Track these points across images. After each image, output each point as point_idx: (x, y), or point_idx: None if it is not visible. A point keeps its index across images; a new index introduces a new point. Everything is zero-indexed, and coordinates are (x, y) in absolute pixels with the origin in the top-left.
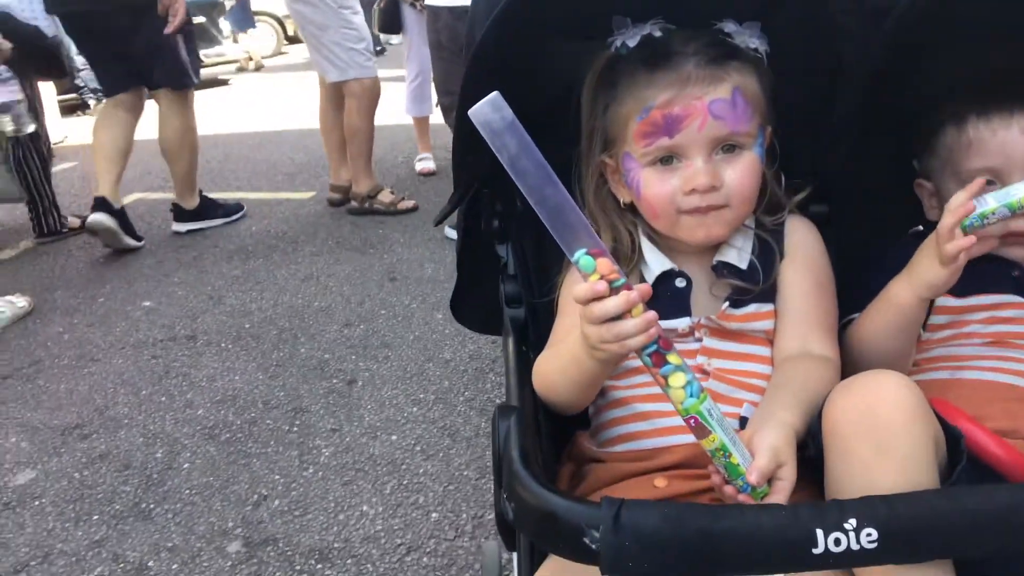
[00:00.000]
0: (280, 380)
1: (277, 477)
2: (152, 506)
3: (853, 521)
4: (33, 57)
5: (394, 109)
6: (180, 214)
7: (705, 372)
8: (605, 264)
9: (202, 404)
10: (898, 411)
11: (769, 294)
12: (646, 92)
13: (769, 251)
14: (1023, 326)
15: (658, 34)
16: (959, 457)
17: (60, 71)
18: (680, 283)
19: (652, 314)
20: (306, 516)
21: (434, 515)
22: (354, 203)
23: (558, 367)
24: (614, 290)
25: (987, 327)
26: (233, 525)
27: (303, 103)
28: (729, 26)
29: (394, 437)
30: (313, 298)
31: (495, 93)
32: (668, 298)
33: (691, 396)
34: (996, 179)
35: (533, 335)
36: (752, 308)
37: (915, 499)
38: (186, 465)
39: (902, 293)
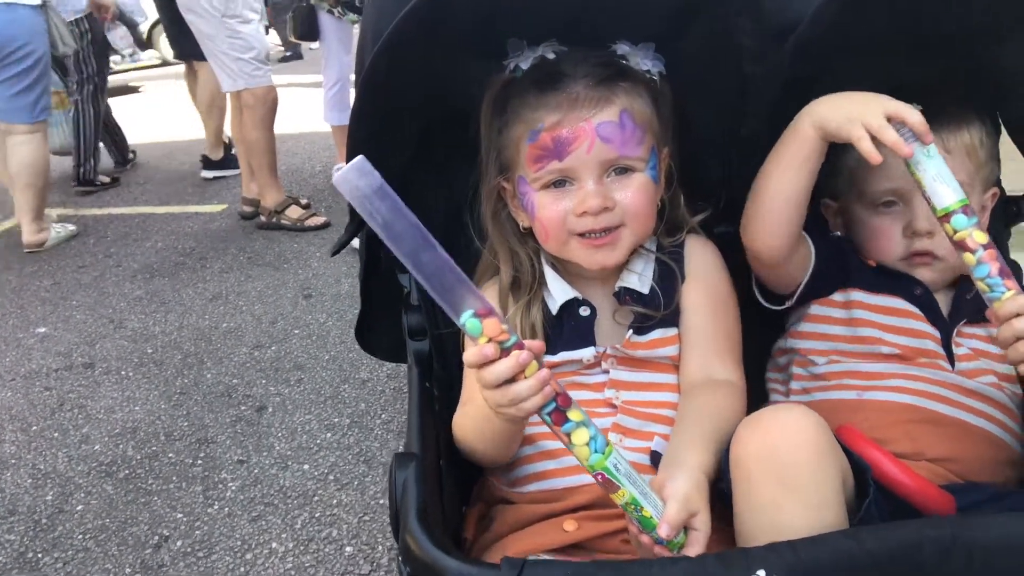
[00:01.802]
0: (184, 409)
1: (180, 515)
2: (40, 555)
3: (762, 572)
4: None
5: (313, 117)
6: (207, 163)
7: (613, 406)
8: (493, 325)
9: (99, 439)
10: (803, 449)
11: (673, 318)
12: (535, 114)
13: (670, 274)
14: (923, 341)
15: (551, 56)
16: (867, 489)
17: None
18: (584, 311)
19: (546, 373)
20: (211, 557)
21: (348, 549)
22: (262, 217)
23: (473, 427)
24: (505, 351)
25: (892, 336)
26: (131, 571)
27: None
28: (622, 48)
29: (306, 467)
30: (221, 319)
31: (360, 158)
32: (572, 328)
33: (596, 452)
34: (900, 201)
35: (439, 367)
36: (657, 334)
37: (820, 543)
38: (80, 507)
39: (807, 132)
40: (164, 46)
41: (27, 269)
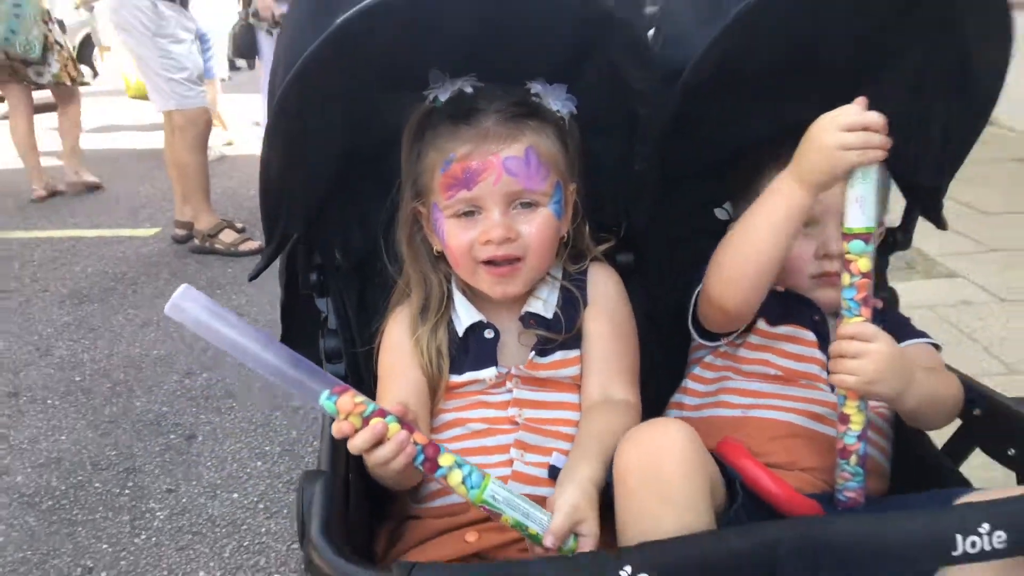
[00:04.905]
0: (112, 438)
1: (105, 546)
2: None
3: (628, 568)
4: None
5: (250, 138)
6: None
7: (516, 423)
8: (346, 401)
9: (21, 470)
10: (678, 463)
11: (575, 341)
12: (449, 144)
13: (573, 300)
14: (808, 365)
15: (469, 90)
16: (736, 495)
17: None
18: (488, 334)
19: (404, 435)
20: None
21: None
22: (195, 241)
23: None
24: (365, 420)
25: (781, 359)
26: None
27: (157, 132)
28: (536, 86)
29: (235, 495)
30: (152, 346)
31: (184, 286)
32: (477, 349)
33: (473, 488)
34: (817, 222)
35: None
36: (558, 356)
37: (684, 542)
38: (0, 539)
39: (793, 194)
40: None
41: None
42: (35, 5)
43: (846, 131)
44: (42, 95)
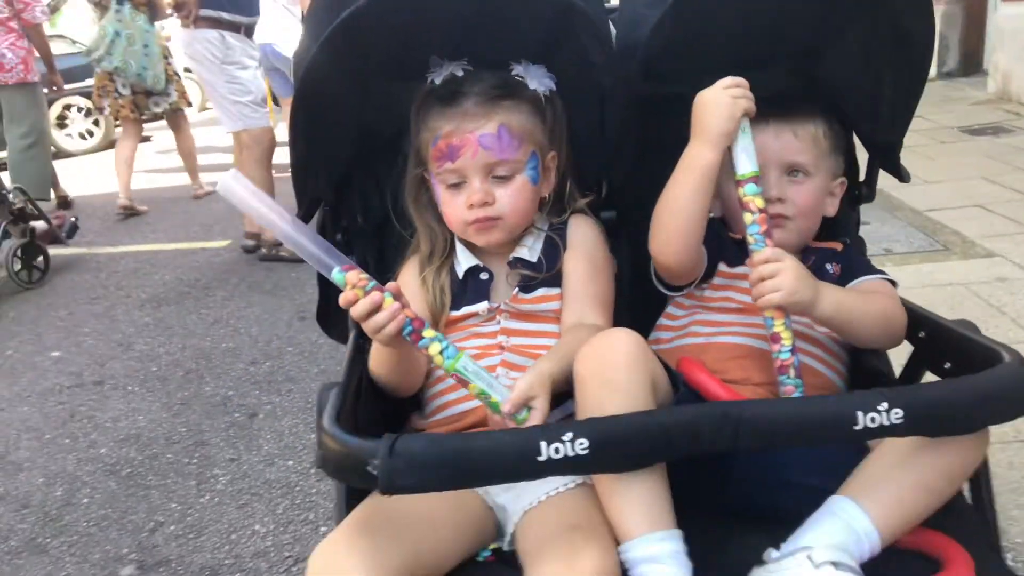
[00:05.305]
0: (183, 417)
1: (174, 505)
2: (48, 540)
3: (570, 434)
4: None
5: None
6: None
7: (503, 348)
8: (353, 276)
9: (105, 444)
10: (621, 357)
11: (556, 280)
12: (437, 123)
13: (554, 246)
14: None
15: (460, 73)
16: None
17: None
18: (484, 276)
19: (397, 305)
20: (200, 538)
21: (323, 528)
22: (263, 250)
23: (374, 358)
24: (367, 293)
25: (740, 295)
26: (128, 551)
27: (228, 156)
28: (518, 68)
29: (290, 463)
30: (221, 340)
31: (233, 170)
32: (473, 288)
33: (448, 358)
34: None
35: None
36: (540, 292)
37: (620, 418)
38: (85, 500)
39: (704, 154)
40: None
41: (44, 301)
42: (158, 43)
43: (730, 88)
44: None
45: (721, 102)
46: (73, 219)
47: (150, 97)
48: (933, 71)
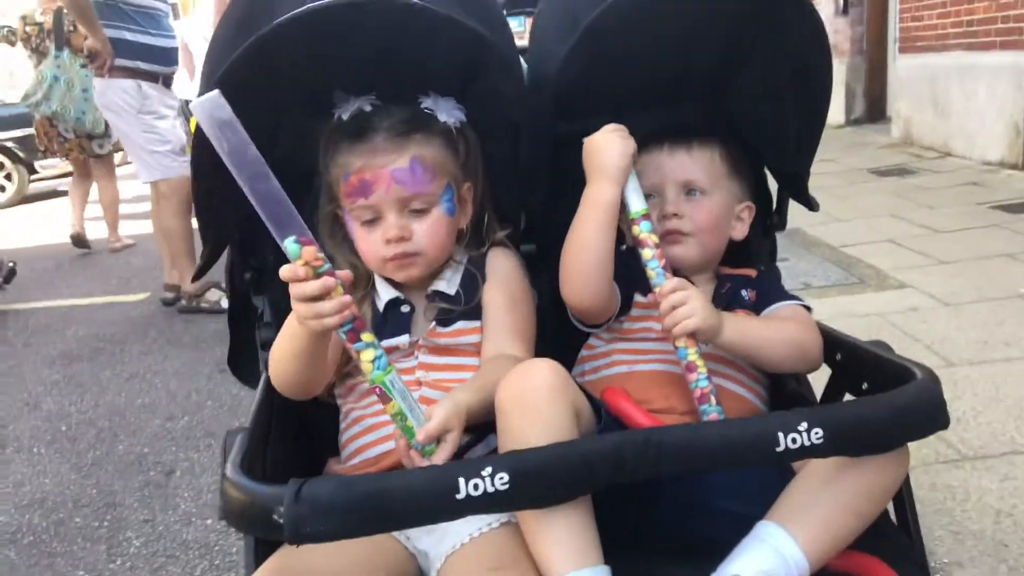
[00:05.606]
0: (94, 478)
1: (81, 573)
2: None
3: (489, 468)
4: None
5: None
6: None
7: (420, 383)
8: (310, 251)
9: (5, 511)
10: (543, 387)
11: (475, 312)
12: (347, 160)
13: (473, 278)
14: None
15: (368, 108)
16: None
17: None
18: (404, 308)
19: (347, 298)
20: None
21: None
22: (183, 302)
23: (281, 344)
24: (318, 275)
25: (658, 324)
26: None
27: (146, 209)
28: (427, 101)
29: (209, 521)
30: (136, 396)
31: (216, 92)
32: (394, 321)
33: (378, 369)
34: (656, 193)
35: None
36: (459, 325)
37: (541, 449)
38: None
39: (606, 191)
40: None
41: None
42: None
43: (617, 131)
44: None
45: (613, 141)
46: (11, 264)
47: (92, 140)
48: (842, 118)
